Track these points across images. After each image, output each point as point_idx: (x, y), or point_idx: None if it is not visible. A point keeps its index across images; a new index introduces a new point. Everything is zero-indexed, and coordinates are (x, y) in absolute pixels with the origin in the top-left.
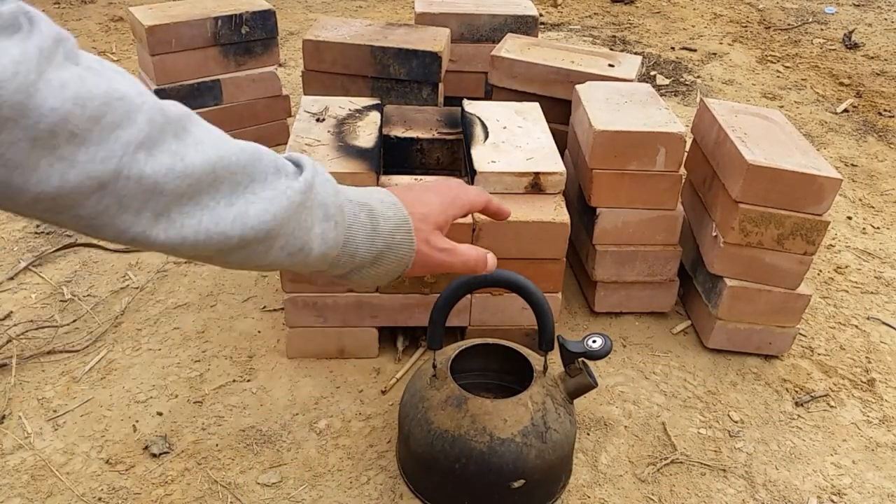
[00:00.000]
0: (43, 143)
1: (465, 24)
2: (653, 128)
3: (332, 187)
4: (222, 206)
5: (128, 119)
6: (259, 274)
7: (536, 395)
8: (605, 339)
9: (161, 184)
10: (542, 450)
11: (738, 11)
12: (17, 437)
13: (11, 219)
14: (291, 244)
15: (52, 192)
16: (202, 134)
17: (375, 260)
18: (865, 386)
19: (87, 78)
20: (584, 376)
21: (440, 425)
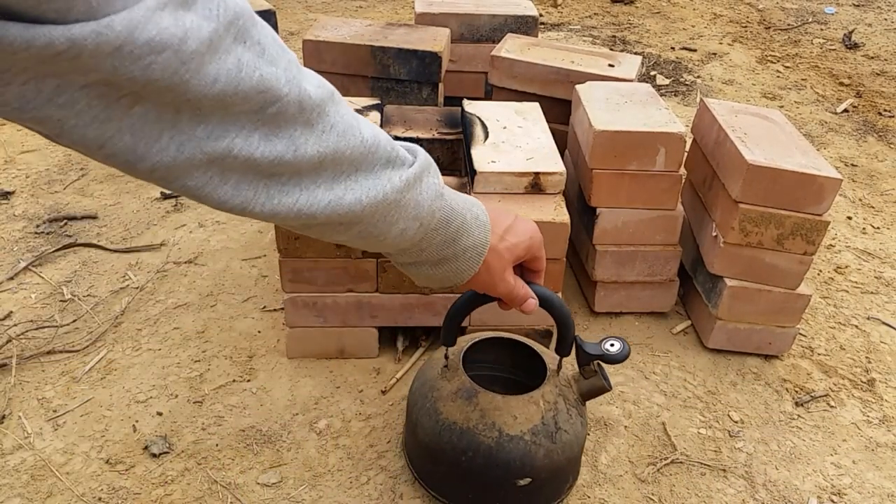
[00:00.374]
0: (170, 117)
1: (465, 24)
2: (653, 128)
3: (435, 190)
4: (321, 189)
5: (259, 108)
6: (259, 274)
7: (549, 395)
8: (624, 343)
9: (265, 167)
10: (551, 450)
11: (738, 11)
12: (17, 437)
13: (11, 218)
14: (370, 231)
15: (167, 162)
16: (336, 119)
17: (438, 263)
18: (865, 386)
19: (243, 67)
20: (599, 378)
21: (449, 416)
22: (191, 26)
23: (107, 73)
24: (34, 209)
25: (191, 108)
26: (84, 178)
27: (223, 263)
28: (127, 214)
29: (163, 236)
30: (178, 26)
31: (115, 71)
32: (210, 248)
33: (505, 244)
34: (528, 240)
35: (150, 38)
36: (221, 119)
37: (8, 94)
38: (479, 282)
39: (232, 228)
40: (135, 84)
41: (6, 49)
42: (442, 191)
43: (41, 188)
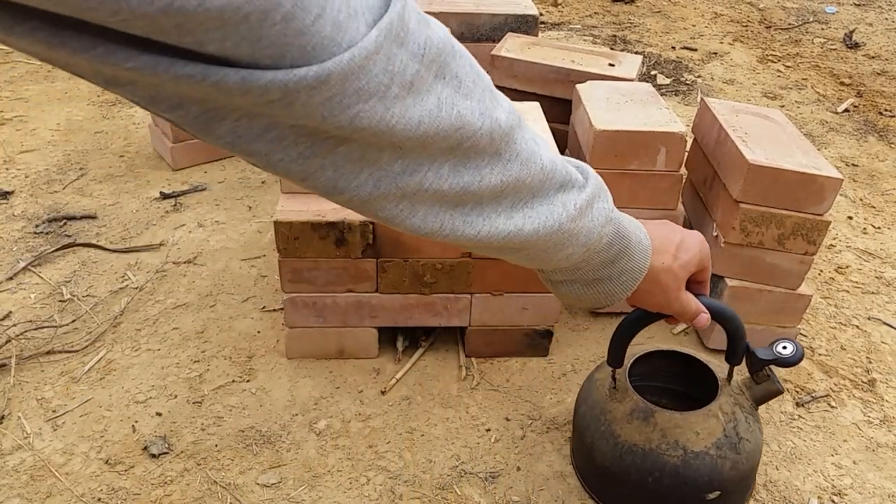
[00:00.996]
0: (371, 157)
1: (465, 24)
2: (653, 127)
3: (606, 214)
4: (502, 218)
5: (455, 145)
6: (259, 274)
7: (726, 405)
8: (796, 345)
9: (452, 198)
10: (737, 461)
11: (738, 11)
12: (17, 437)
13: (11, 218)
14: (537, 255)
15: (364, 196)
16: (521, 147)
17: (591, 283)
18: (866, 386)
19: (443, 105)
20: (772, 382)
21: (628, 439)
22: (398, 69)
23: (316, 120)
24: (33, 209)
25: (392, 148)
26: (83, 177)
27: (223, 263)
28: (126, 214)
29: (162, 236)
30: (387, 72)
31: (323, 120)
32: (209, 248)
33: (679, 262)
34: (698, 253)
35: (359, 88)
36: (418, 156)
37: (221, 128)
38: (655, 302)
39: (231, 228)
40: (342, 131)
41: (224, 92)
42: (612, 215)
43: (40, 188)
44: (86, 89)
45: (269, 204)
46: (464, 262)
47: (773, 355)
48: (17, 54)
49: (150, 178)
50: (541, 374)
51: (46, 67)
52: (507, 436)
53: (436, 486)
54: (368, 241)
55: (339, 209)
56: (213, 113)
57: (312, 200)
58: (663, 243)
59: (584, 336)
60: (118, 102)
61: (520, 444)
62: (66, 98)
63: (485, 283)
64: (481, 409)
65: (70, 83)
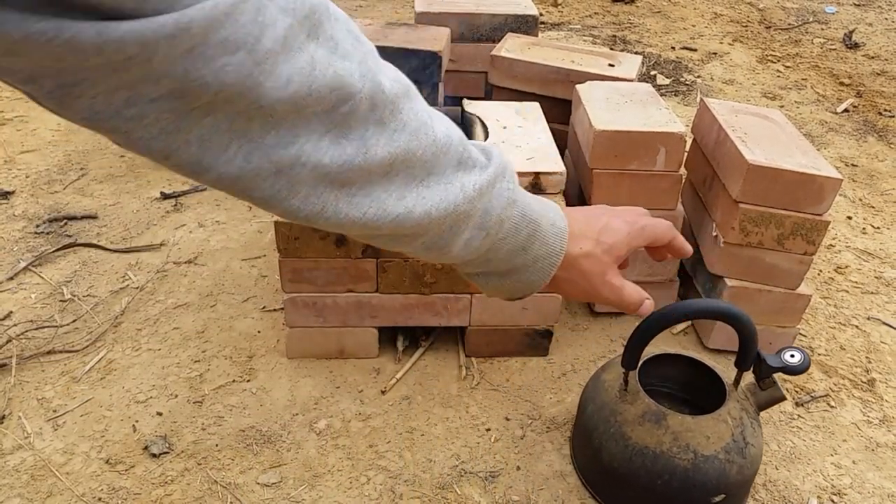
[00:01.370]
0: (239, 127)
1: (466, 24)
2: (653, 128)
3: (508, 196)
4: (392, 199)
5: (331, 108)
6: (259, 274)
7: (734, 410)
8: (804, 353)
9: (334, 174)
10: (743, 465)
11: (738, 11)
12: (17, 437)
13: (11, 218)
14: (434, 243)
15: (234, 172)
16: (409, 116)
17: (506, 274)
18: (866, 386)
19: (316, 64)
20: (777, 389)
21: (639, 441)
22: (269, 21)
23: (178, 79)
24: (34, 209)
25: (262, 116)
26: (84, 177)
27: (223, 263)
28: (127, 214)
29: (163, 236)
30: (256, 23)
31: (186, 75)
32: (210, 248)
33: (602, 247)
34: (625, 235)
35: (225, 38)
36: (292, 124)
37: (78, 104)
38: (579, 291)
39: (232, 228)
40: (206, 90)
41: (78, 52)
42: (515, 197)
43: (41, 188)
44: None
45: None
46: None
47: (781, 363)
48: None
49: (150, 178)
50: (541, 374)
51: None
52: (506, 435)
53: (436, 486)
54: None
55: None
56: (69, 88)
57: None
58: (583, 228)
59: (583, 336)
60: None
61: (520, 443)
62: None
63: None
64: (481, 409)
65: None
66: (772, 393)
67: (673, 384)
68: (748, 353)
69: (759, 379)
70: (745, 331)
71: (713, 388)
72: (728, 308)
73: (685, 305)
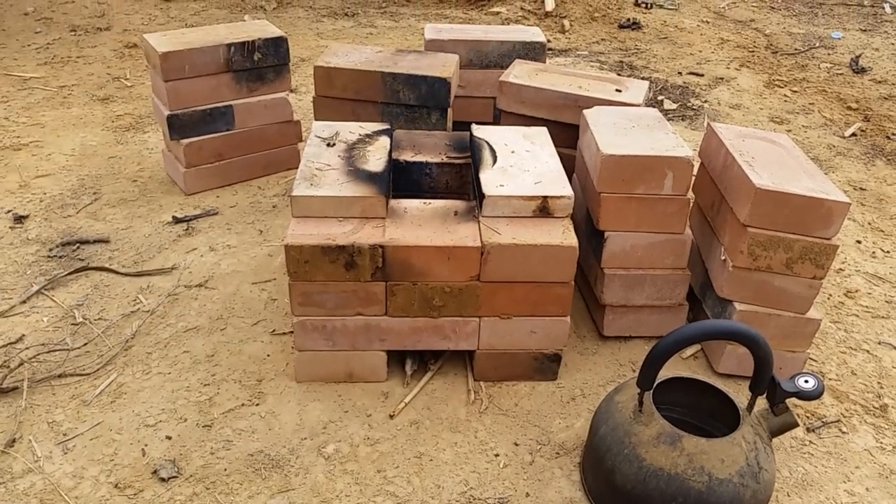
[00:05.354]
0: None
1: (474, 51)
2: (660, 152)
3: None
4: None
5: None
6: (269, 297)
7: (748, 435)
8: (817, 379)
9: None
10: (756, 490)
11: (744, 36)
12: (27, 460)
13: (25, 242)
14: None
15: None
16: None
17: None
18: (878, 412)
19: None
20: (790, 415)
21: (654, 462)
22: None
23: None
24: (47, 233)
25: None
26: (97, 202)
27: (233, 287)
28: (139, 238)
29: (174, 260)
30: None
31: None
32: (220, 272)
33: None
34: None
35: None
36: None
37: None
38: None
39: (242, 252)
40: None
41: None
42: None
43: (55, 212)
44: (100, 115)
45: (280, 228)
46: (472, 285)
47: (795, 388)
48: (35, 81)
49: (162, 202)
50: (549, 399)
51: (63, 93)
52: (515, 461)
53: None
54: (378, 265)
55: (349, 233)
56: None
57: (323, 224)
58: None
59: (592, 360)
60: (132, 128)
61: (529, 469)
62: (80, 124)
63: (493, 307)
64: (490, 434)
65: (85, 109)
66: (785, 419)
67: (682, 409)
68: (763, 377)
69: (772, 404)
70: (760, 354)
71: (723, 413)
72: (745, 330)
73: (701, 326)
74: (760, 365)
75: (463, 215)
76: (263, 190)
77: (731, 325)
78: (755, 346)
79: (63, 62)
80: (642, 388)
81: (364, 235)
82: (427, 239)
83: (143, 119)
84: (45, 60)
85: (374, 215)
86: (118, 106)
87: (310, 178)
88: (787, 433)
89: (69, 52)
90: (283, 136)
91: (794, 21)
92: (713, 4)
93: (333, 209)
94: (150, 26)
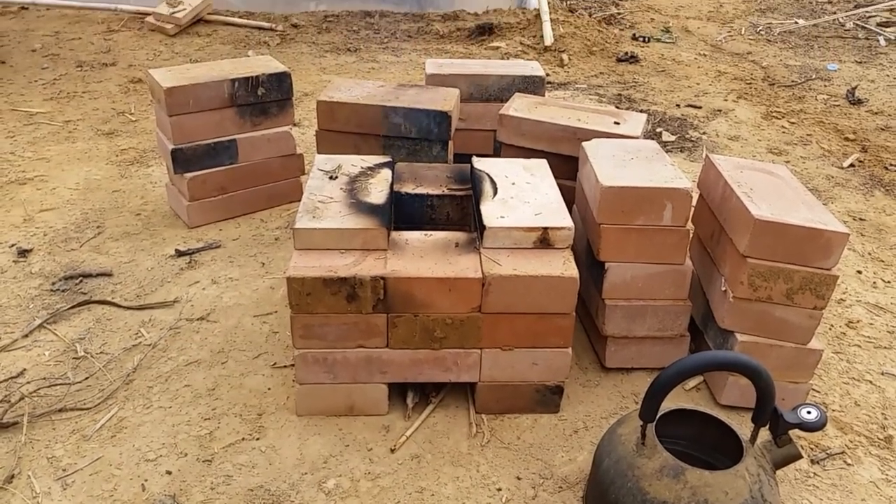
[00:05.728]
0: None
1: (474, 85)
2: (659, 183)
3: None
4: None
5: None
6: (270, 330)
7: (752, 467)
8: (820, 411)
9: None
10: None
11: (742, 69)
12: (26, 497)
13: (28, 276)
14: None
15: None
16: None
17: None
18: (882, 443)
19: None
20: (793, 446)
21: (657, 496)
22: None
23: None
24: (50, 267)
25: None
26: (100, 235)
27: (235, 320)
28: (141, 272)
29: (176, 293)
30: None
31: None
32: (223, 305)
33: None
34: None
35: None
36: None
37: None
38: None
39: (244, 285)
40: None
41: None
42: None
43: (58, 246)
44: (105, 149)
45: (282, 260)
46: (474, 317)
47: (798, 419)
48: (40, 116)
49: (165, 235)
50: (552, 431)
51: (68, 128)
52: (518, 495)
53: None
54: (379, 297)
55: (350, 265)
56: None
57: (325, 257)
58: None
59: (594, 392)
60: (136, 162)
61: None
62: (85, 158)
63: (494, 339)
64: (492, 468)
65: (90, 143)
66: (788, 450)
67: (685, 441)
68: (766, 408)
69: (775, 436)
70: (762, 385)
71: (726, 445)
72: (747, 361)
73: (703, 357)
74: (763, 396)
75: (464, 247)
76: (266, 223)
77: (733, 357)
78: (757, 378)
79: (69, 97)
80: (645, 421)
81: (366, 267)
82: (428, 270)
83: (147, 153)
84: (51, 96)
85: (376, 247)
86: (123, 140)
87: (312, 211)
88: (790, 465)
89: (75, 88)
90: (285, 170)
91: (791, 53)
92: (710, 38)
93: (335, 241)
94: (155, 62)
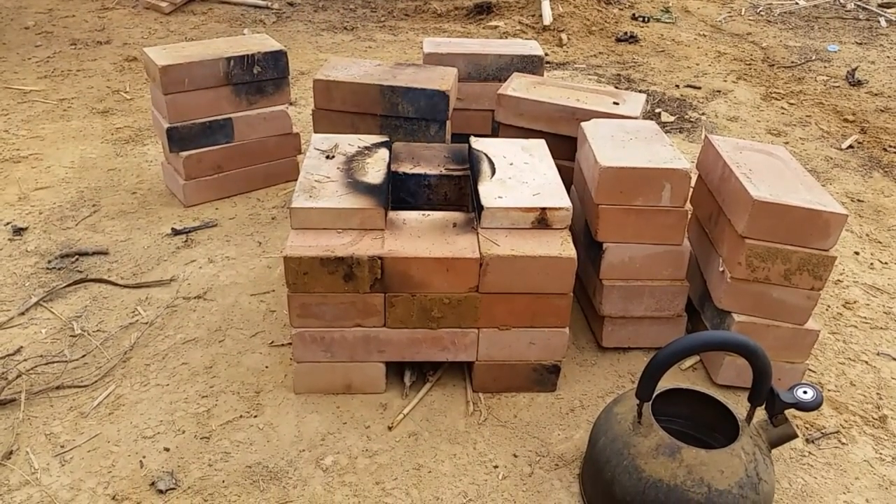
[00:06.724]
0: None
1: (473, 64)
2: (658, 164)
3: None
4: None
5: None
6: (268, 309)
7: (747, 446)
8: (816, 390)
9: None
10: (756, 501)
11: (741, 49)
12: (24, 472)
13: (24, 254)
14: None
15: None
16: None
17: None
18: (877, 423)
19: None
20: (789, 426)
21: (653, 474)
22: None
23: None
24: (46, 245)
25: None
26: (96, 214)
27: (232, 299)
28: (138, 250)
29: (173, 272)
30: None
31: None
32: (219, 284)
33: None
34: None
35: None
36: None
37: None
38: None
39: (241, 264)
40: None
41: None
42: None
43: (54, 224)
44: (100, 127)
45: (279, 240)
46: (471, 296)
47: (794, 399)
48: (35, 94)
49: (161, 214)
50: (548, 410)
51: (62, 106)
52: (514, 472)
53: None
54: (377, 276)
55: (348, 245)
56: None
57: (322, 236)
58: None
59: (591, 371)
60: (131, 140)
61: (528, 481)
62: (80, 136)
63: (492, 318)
64: (489, 446)
65: (85, 122)
66: (784, 430)
67: (681, 420)
68: (762, 388)
69: (771, 415)
70: (759, 365)
71: (722, 424)
72: (744, 341)
73: (700, 337)
74: (759, 376)
75: (462, 227)
76: (262, 202)
77: (730, 337)
78: (754, 358)
79: (63, 75)
80: (641, 400)
81: (363, 247)
82: (426, 250)
83: (142, 132)
84: (45, 74)
85: (373, 227)
86: (118, 119)
87: (309, 190)
88: (786, 444)
89: (69, 66)
90: (282, 149)
91: (791, 34)
92: (710, 18)
93: (332, 221)
94: (150, 40)
